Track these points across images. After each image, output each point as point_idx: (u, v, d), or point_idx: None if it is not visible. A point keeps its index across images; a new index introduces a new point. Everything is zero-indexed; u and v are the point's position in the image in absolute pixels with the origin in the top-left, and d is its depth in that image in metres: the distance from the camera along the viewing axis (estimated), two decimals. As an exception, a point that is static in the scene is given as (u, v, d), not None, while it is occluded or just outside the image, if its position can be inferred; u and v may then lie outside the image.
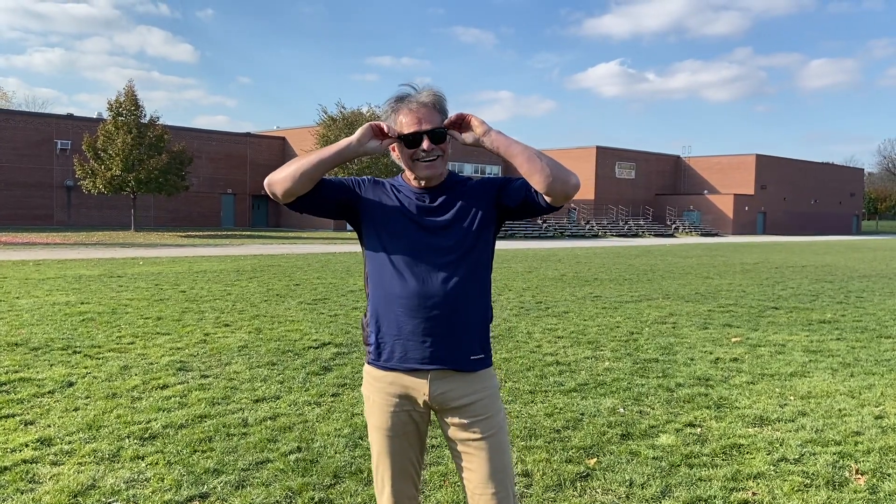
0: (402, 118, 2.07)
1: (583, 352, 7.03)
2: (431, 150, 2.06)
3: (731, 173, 65.54)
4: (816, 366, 6.56)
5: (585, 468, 3.89)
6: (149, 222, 44.40)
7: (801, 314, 10.01)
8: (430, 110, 2.07)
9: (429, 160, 2.08)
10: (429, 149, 2.06)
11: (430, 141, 2.06)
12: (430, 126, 2.06)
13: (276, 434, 4.36)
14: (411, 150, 2.08)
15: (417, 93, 2.10)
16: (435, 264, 2.10)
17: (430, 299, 2.08)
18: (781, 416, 4.92)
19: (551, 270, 17.45)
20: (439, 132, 2.07)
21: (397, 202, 2.15)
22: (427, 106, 2.07)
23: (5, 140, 40.55)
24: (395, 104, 2.10)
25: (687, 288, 13.51)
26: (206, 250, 24.02)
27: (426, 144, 2.05)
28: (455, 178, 2.20)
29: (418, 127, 2.05)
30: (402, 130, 2.07)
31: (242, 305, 9.97)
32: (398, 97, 2.10)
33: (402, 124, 2.07)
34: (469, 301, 2.13)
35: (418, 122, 2.05)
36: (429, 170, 2.09)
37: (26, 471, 3.68)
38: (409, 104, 2.07)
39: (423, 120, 2.05)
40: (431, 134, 2.06)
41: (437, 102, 2.09)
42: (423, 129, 2.05)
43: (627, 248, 31.60)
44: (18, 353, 6.48)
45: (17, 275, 13.68)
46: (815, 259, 24.23)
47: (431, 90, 2.11)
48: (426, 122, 2.05)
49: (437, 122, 2.07)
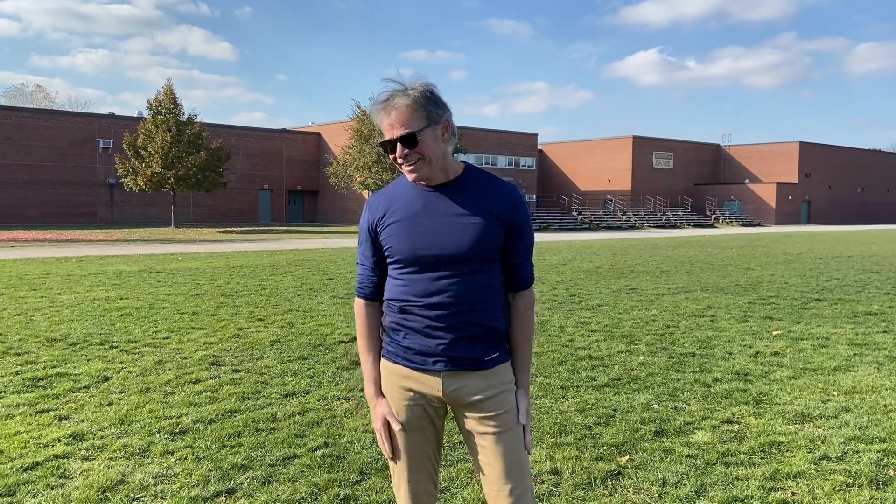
0: (383, 122, 2.06)
1: (616, 346, 6.90)
2: (407, 156, 2.03)
3: (774, 161, 64.05)
4: (862, 360, 6.33)
5: (617, 466, 3.79)
6: (188, 218, 45.19)
7: (846, 306, 9.69)
8: (408, 112, 2.00)
9: (410, 164, 2.05)
10: (402, 155, 2.03)
11: (403, 146, 2.02)
12: (404, 130, 2.01)
13: (304, 429, 4.36)
14: (392, 156, 2.07)
15: (399, 91, 2.03)
16: (444, 265, 2.06)
17: (441, 299, 2.05)
18: (824, 412, 4.74)
19: (586, 263, 17.25)
20: (408, 137, 2.01)
21: (404, 204, 2.11)
22: (404, 108, 2.01)
23: (50, 140, 41.65)
24: (377, 110, 2.07)
25: (726, 280, 13.21)
26: (243, 245, 24.33)
27: (399, 151, 2.03)
28: (473, 175, 2.13)
29: (391, 134, 2.03)
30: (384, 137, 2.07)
31: (276, 300, 10.04)
32: (378, 101, 2.07)
33: (383, 129, 2.07)
34: (482, 299, 2.08)
35: (391, 128, 2.03)
36: (412, 173, 2.07)
37: (57, 466, 3.73)
38: (387, 109, 2.03)
39: (395, 125, 2.02)
40: (402, 140, 2.02)
41: (416, 100, 2.01)
42: (395, 136, 2.02)
43: (665, 240, 31.11)
44: (57, 349, 6.61)
45: (60, 271, 14.01)
46: (861, 249, 23.52)
47: (413, 88, 2.03)
48: (399, 127, 2.01)
49: (416, 122, 2.00)
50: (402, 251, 2.07)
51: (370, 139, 38.62)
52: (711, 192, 64.01)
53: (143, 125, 36.01)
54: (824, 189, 65.46)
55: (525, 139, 56.31)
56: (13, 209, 40.39)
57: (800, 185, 62.91)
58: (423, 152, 2.03)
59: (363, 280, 2.21)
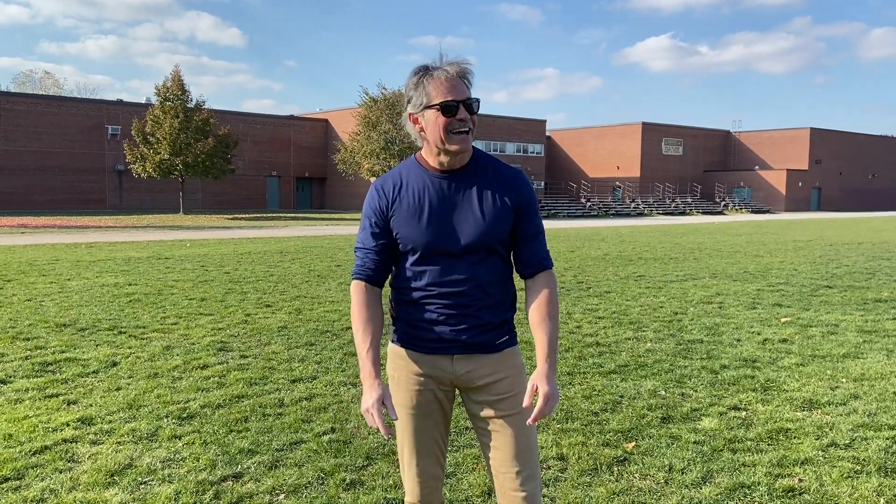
0: (431, 89, 1.98)
1: (624, 332, 6.88)
2: (466, 120, 1.98)
3: (784, 148, 63.53)
4: (871, 346, 6.29)
5: (623, 452, 3.78)
6: (196, 205, 45.30)
7: (856, 293, 9.63)
8: (459, 81, 1.99)
9: (462, 131, 1.99)
10: (463, 118, 1.98)
11: (467, 111, 1.98)
12: (466, 95, 1.98)
13: (311, 414, 4.37)
14: (446, 119, 1.97)
15: (445, 63, 2.01)
16: (456, 247, 2.04)
17: (453, 282, 2.05)
18: (832, 399, 4.72)
19: (594, 250, 17.20)
20: (473, 102, 1.99)
21: (416, 191, 2.08)
22: (458, 76, 1.99)
23: (59, 126, 41.76)
24: (423, 74, 2.00)
25: (735, 266, 13.14)
26: (252, 232, 24.38)
27: (461, 114, 1.97)
28: (481, 160, 2.11)
29: (456, 95, 1.97)
30: (431, 101, 1.98)
31: (284, 286, 10.06)
32: (425, 67, 2.02)
33: (430, 95, 1.98)
34: (492, 284, 2.08)
35: (454, 89, 1.97)
36: (461, 143, 2.00)
37: (66, 450, 3.76)
38: (439, 75, 1.98)
39: (460, 88, 1.97)
40: (470, 103, 1.98)
41: (463, 73, 2.01)
42: (465, 98, 1.97)
43: (674, 227, 30.98)
44: (66, 334, 6.65)
45: (69, 257, 14.08)
46: (871, 236, 23.35)
47: (458, 62, 2.01)
48: (457, 92, 1.97)
49: (466, 94, 1.99)
50: (415, 238, 2.05)
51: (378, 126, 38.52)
52: (721, 178, 63.61)
53: (151, 112, 36.06)
54: (835, 176, 64.93)
55: (533, 126, 56.05)
56: (22, 196, 40.59)
57: (810, 171, 62.41)
58: (476, 123, 2.02)
59: (365, 262, 2.12)
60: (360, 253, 2.15)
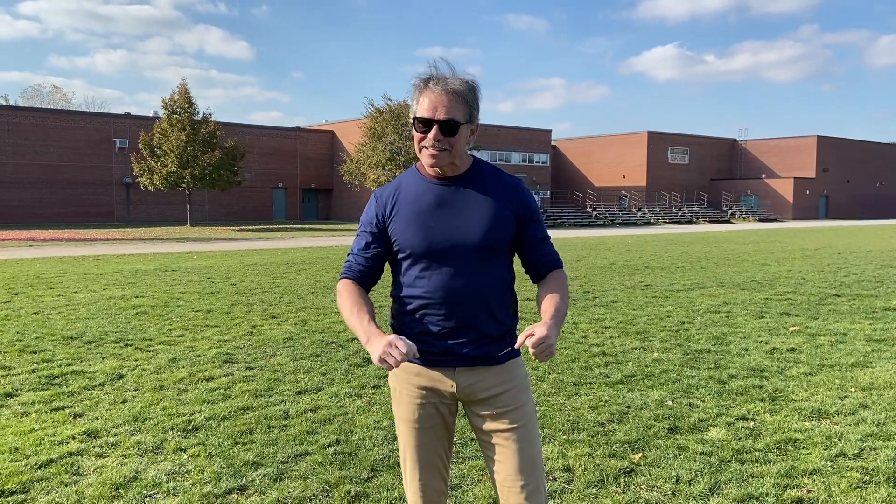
0: (416, 102, 2.00)
1: (630, 342, 6.85)
2: (437, 142, 1.98)
3: (791, 156, 63.38)
4: (880, 355, 6.24)
5: (630, 463, 3.76)
6: (203, 217, 45.49)
7: (865, 301, 9.57)
8: (453, 98, 1.97)
9: (436, 149, 1.99)
10: (435, 138, 1.97)
11: (440, 131, 1.97)
12: (446, 116, 1.96)
13: (316, 426, 4.36)
14: (420, 136, 2.00)
15: (447, 77, 2.00)
16: (456, 258, 2.04)
17: (454, 294, 2.04)
18: (841, 408, 4.68)
19: (600, 259, 17.16)
20: (451, 124, 1.96)
21: (414, 198, 2.08)
22: (451, 93, 1.97)
23: (67, 140, 42.08)
24: (421, 85, 2.00)
25: (743, 275, 13.09)
26: (258, 244, 24.44)
27: (433, 133, 1.97)
28: (480, 168, 2.11)
29: (432, 114, 1.96)
30: (413, 114, 2.00)
31: (290, 297, 10.07)
32: (425, 78, 2.01)
33: (414, 109, 2.00)
34: (493, 295, 2.07)
35: (434, 108, 1.96)
36: (432, 159, 2.00)
37: (71, 463, 3.76)
38: (433, 88, 1.98)
39: (439, 107, 1.96)
40: (444, 124, 1.96)
41: (463, 92, 1.98)
42: (436, 118, 1.96)
43: (680, 236, 30.90)
44: (73, 347, 6.67)
45: (77, 270, 14.14)
46: (880, 244, 23.23)
47: (462, 78, 2.00)
48: (442, 110, 1.96)
49: (459, 112, 1.97)
50: (414, 244, 2.05)
51: (383, 137, 38.66)
52: (727, 187, 63.47)
53: (158, 124, 36.29)
54: (842, 183, 64.69)
55: (539, 135, 56.13)
56: (31, 209, 40.85)
57: (817, 179, 62.22)
58: (453, 144, 2.00)
59: (352, 265, 2.13)
60: (350, 257, 2.17)
